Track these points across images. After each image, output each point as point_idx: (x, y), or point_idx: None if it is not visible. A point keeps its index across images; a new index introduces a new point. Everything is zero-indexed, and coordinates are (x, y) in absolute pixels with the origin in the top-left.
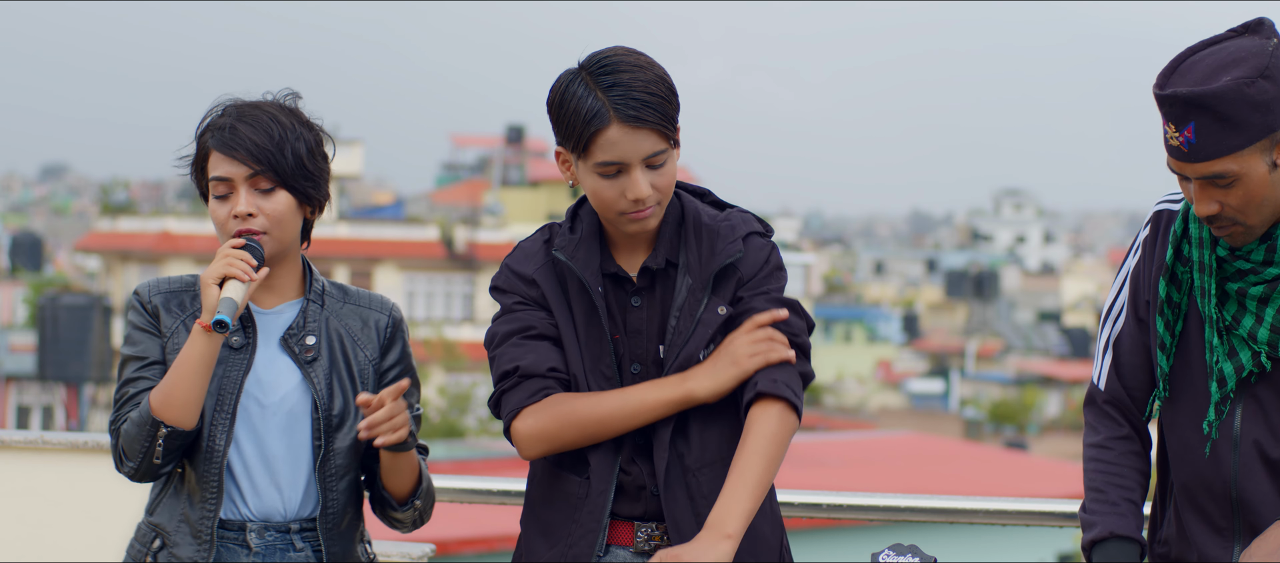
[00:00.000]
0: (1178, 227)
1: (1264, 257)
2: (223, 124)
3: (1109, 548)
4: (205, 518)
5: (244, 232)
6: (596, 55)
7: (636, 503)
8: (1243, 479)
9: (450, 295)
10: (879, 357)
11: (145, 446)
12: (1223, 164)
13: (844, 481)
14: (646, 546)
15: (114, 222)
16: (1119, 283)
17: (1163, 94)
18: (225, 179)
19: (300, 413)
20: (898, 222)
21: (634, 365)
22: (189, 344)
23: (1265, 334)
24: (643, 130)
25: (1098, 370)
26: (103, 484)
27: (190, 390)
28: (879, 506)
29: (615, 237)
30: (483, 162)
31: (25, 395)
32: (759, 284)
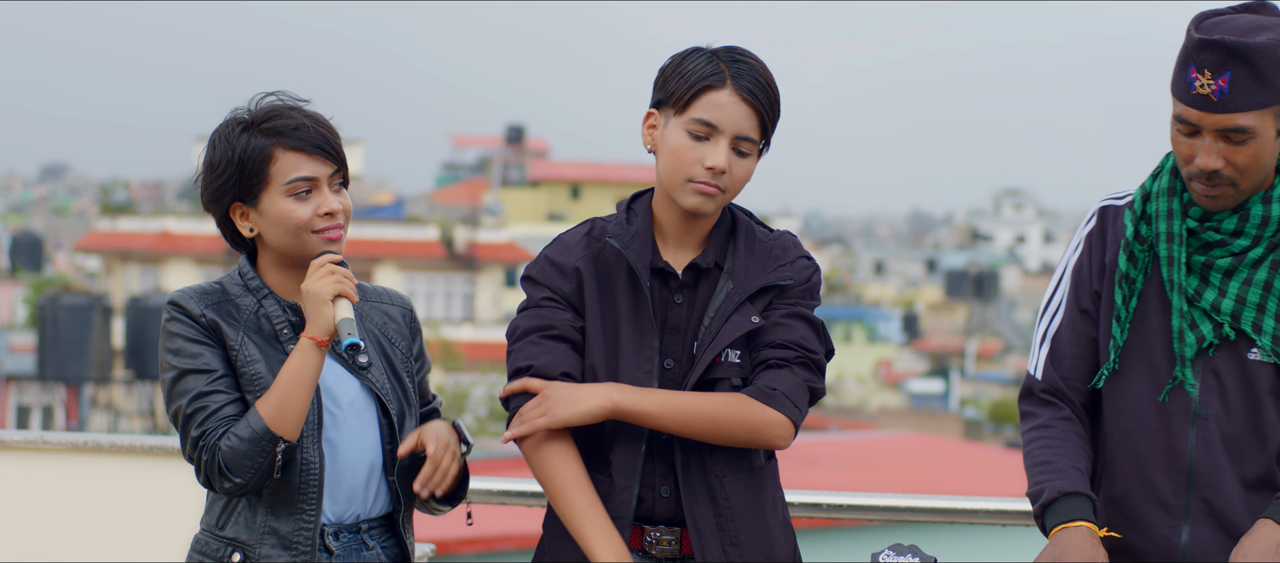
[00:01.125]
0: (1136, 208)
1: (1235, 226)
2: (296, 125)
3: (1061, 507)
4: (303, 529)
5: (333, 229)
6: (726, 45)
7: (644, 504)
8: (1200, 454)
9: (450, 295)
10: (879, 357)
11: (259, 461)
12: (1247, 118)
13: (844, 481)
14: (655, 549)
15: (114, 222)
16: (1057, 277)
17: (1208, 39)
18: (310, 179)
19: (367, 418)
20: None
21: (667, 361)
22: (300, 358)
23: (1229, 305)
24: (748, 108)
25: (1034, 363)
26: (103, 484)
27: (303, 404)
28: (879, 506)
29: (667, 230)
30: (483, 162)
31: (25, 395)
32: (795, 299)
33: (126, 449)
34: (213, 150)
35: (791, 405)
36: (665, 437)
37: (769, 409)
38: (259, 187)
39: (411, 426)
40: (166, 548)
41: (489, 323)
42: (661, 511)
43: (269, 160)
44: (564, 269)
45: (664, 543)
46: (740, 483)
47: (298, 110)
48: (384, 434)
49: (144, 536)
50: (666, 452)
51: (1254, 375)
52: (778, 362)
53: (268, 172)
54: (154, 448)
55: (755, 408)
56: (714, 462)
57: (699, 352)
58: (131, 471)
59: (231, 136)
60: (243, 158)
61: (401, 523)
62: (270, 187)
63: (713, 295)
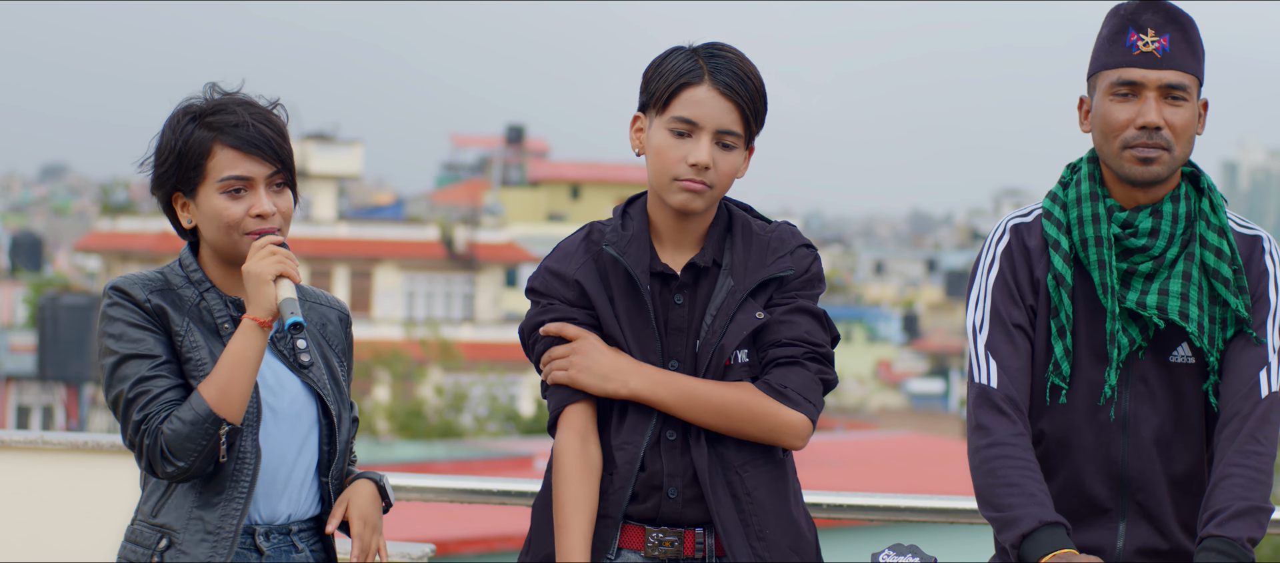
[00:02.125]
0: (1058, 215)
1: (1152, 226)
2: (237, 121)
3: (1043, 538)
4: (228, 519)
5: (264, 232)
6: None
7: (647, 504)
8: (1131, 458)
9: (450, 295)
10: (879, 357)
11: (202, 444)
12: (1185, 77)
13: (844, 481)
14: (657, 550)
15: (114, 222)
16: (976, 297)
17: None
18: (245, 178)
19: (305, 417)
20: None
21: (672, 362)
22: (242, 339)
23: (1154, 300)
24: (728, 102)
25: (983, 373)
26: (103, 484)
27: (246, 385)
28: (879, 506)
29: (663, 231)
30: (483, 162)
31: (25, 395)
32: (796, 290)
33: (126, 449)
34: (162, 136)
35: (806, 402)
36: (675, 437)
37: (785, 408)
38: (196, 180)
39: (346, 428)
40: None
41: (489, 323)
42: (667, 511)
43: (207, 155)
44: (565, 279)
45: (666, 544)
46: (762, 477)
47: (245, 106)
48: (323, 434)
49: None
50: (678, 452)
51: (1178, 377)
52: (786, 359)
53: (205, 166)
54: None
55: (769, 403)
56: (734, 458)
57: (701, 350)
58: (131, 471)
59: (178, 125)
60: (183, 149)
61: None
62: (206, 182)
63: (713, 293)
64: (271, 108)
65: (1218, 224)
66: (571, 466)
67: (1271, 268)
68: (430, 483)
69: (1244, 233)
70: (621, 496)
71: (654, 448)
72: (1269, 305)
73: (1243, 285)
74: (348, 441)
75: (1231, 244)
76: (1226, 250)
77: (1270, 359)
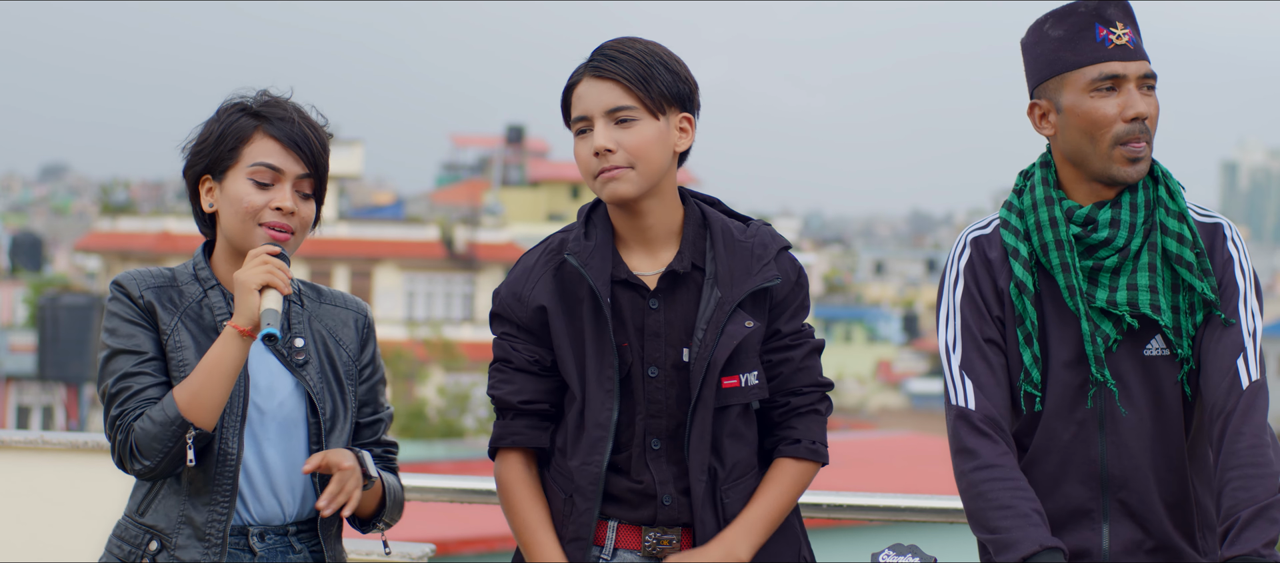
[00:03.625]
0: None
1: (1112, 217)
2: (284, 116)
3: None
4: (215, 521)
5: (278, 226)
6: None
7: (643, 510)
8: (1111, 458)
9: (450, 295)
10: (879, 357)
11: (168, 445)
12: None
13: (844, 481)
14: (655, 550)
15: (114, 222)
16: (945, 315)
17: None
18: (275, 169)
19: (296, 417)
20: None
21: (651, 369)
22: (221, 347)
23: (1124, 296)
24: (606, 82)
25: (960, 395)
26: (103, 484)
27: (220, 393)
28: (879, 506)
29: (627, 236)
30: (483, 162)
31: (25, 395)
32: (791, 306)
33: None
34: (207, 123)
35: (825, 450)
36: (660, 445)
37: (813, 466)
38: (228, 163)
39: (343, 431)
40: None
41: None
42: (663, 516)
43: (246, 140)
44: (525, 301)
45: (664, 543)
46: (749, 490)
47: (295, 108)
48: (311, 435)
49: None
50: (665, 459)
51: (1153, 370)
52: (807, 409)
53: (241, 150)
54: None
55: (809, 472)
56: (722, 476)
57: (695, 363)
58: None
59: (226, 112)
60: (225, 131)
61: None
62: (237, 165)
63: (701, 304)
64: (321, 123)
65: (1177, 210)
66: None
67: (1235, 253)
68: (430, 483)
69: (1204, 221)
70: (589, 515)
71: (640, 459)
72: (1238, 290)
73: (1207, 268)
74: (346, 443)
75: (1192, 228)
76: (1187, 235)
77: (1245, 344)
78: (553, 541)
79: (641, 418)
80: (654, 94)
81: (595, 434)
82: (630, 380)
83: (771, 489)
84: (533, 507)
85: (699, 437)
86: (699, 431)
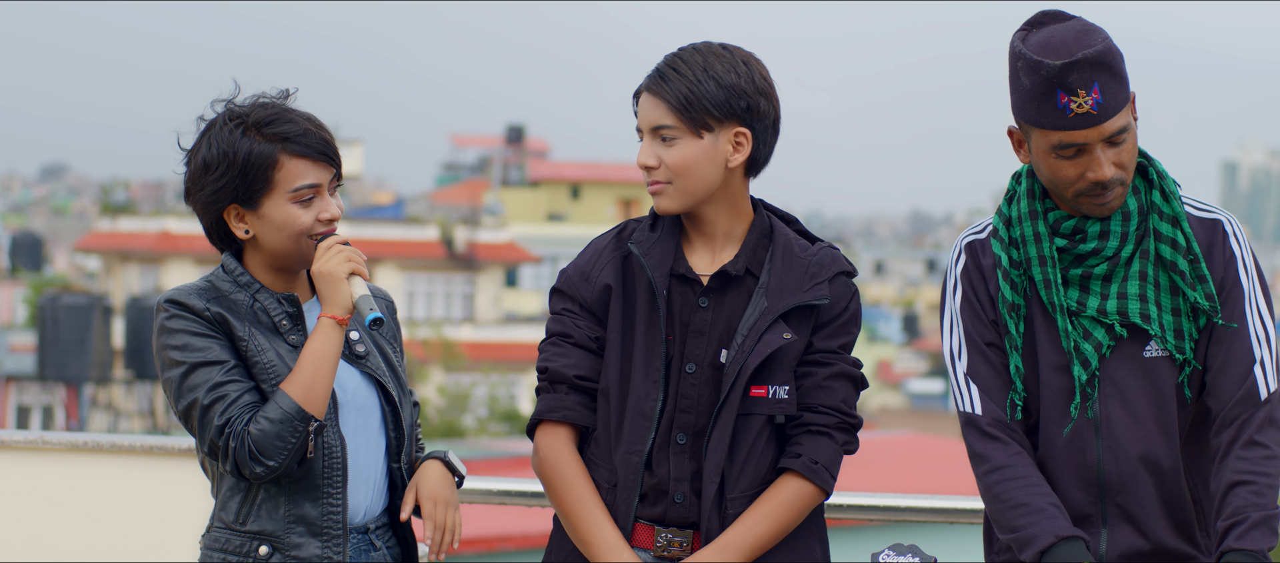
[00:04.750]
0: (1002, 234)
1: (1100, 228)
2: (300, 131)
3: (1061, 551)
4: (330, 513)
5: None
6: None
7: (656, 507)
8: (1108, 462)
9: (450, 295)
10: (879, 357)
11: (293, 441)
12: (1123, 118)
13: (844, 481)
14: (667, 550)
15: (114, 222)
16: (948, 323)
17: (1071, 61)
18: (315, 185)
19: (370, 408)
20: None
21: (689, 365)
22: (322, 336)
23: (1114, 305)
24: (656, 99)
25: (967, 401)
26: (103, 484)
27: (328, 381)
28: (879, 506)
29: (690, 233)
30: (483, 162)
31: (25, 395)
32: (832, 326)
33: (126, 449)
34: (209, 150)
35: (829, 477)
36: (685, 440)
37: (814, 487)
38: (262, 191)
39: (409, 411)
40: (167, 548)
41: (489, 323)
42: (674, 515)
43: (274, 166)
44: (592, 280)
45: (675, 545)
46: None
47: (298, 114)
48: (388, 421)
49: (144, 536)
50: (687, 455)
51: (1153, 372)
52: (819, 428)
53: (273, 177)
54: (154, 448)
55: (806, 495)
56: (731, 490)
57: (728, 366)
58: (131, 471)
59: (231, 138)
60: (246, 162)
61: (402, 525)
62: (274, 192)
63: (747, 307)
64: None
65: (1171, 214)
66: (573, 466)
67: (1238, 250)
68: None
69: (1202, 217)
70: (628, 505)
71: (662, 450)
72: (1242, 292)
73: (1201, 274)
74: (412, 425)
75: (1186, 233)
76: (1181, 241)
77: (1258, 353)
78: (608, 518)
79: (671, 411)
80: (696, 114)
81: (639, 423)
82: (668, 373)
83: (759, 508)
84: (587, 484)
85: (719, 438)
86: (720, 432)
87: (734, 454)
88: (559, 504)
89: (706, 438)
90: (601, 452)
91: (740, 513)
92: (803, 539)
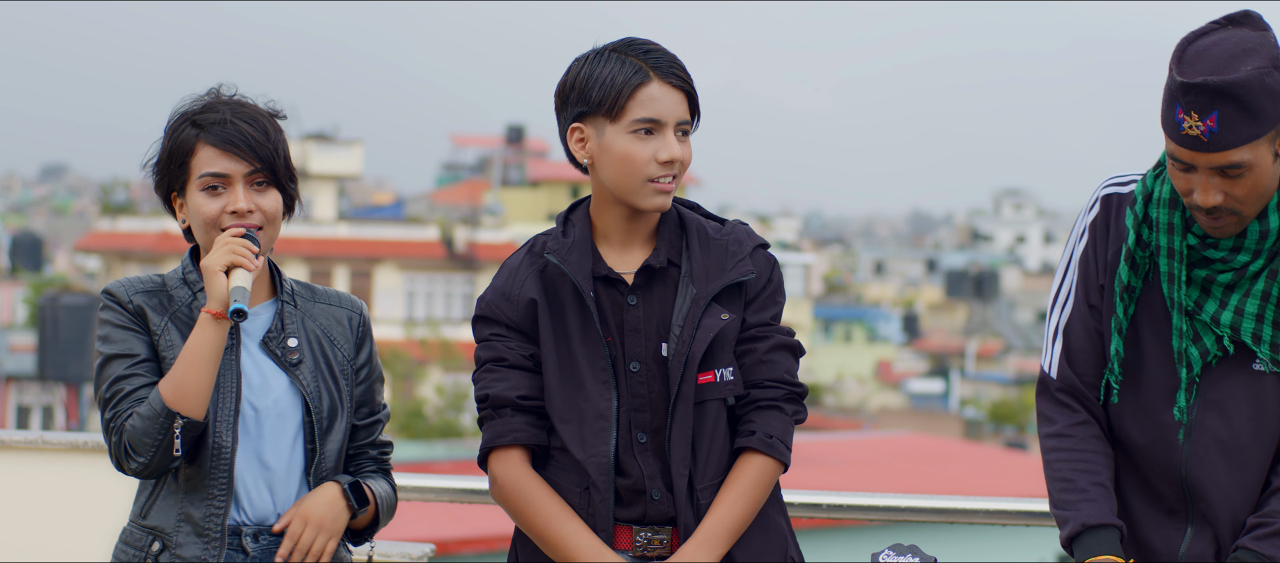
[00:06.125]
0: (1138, 210)
1: (1233, 244)
2: (218, 119)
3: (1088, 542)
4: (213, 516)
5: (239, 225)
6: (620, 40)
7: (633, 508)
8: (1194, 466)
9: (450, 295)
10: (879, 357)
11: (159, 438)
12: (1239, 153)
13: (844, 481)
14: (647, 550)
15: (114, 222)
16: (1063, 267)
17: (1190, 82)
18: (221, 175)
19: (290, 416)
20: (898, 222)
21: (633, 363)
22: (198, 333)
23: (1229, 317)
24: (679, 93)
25: (1048, 358)
26: (103, 484)
27: (203, 379)
28: (879, 506)
29: (612, 234)
30: (483, 162)
31: (25, 395)
32: (759, 299)
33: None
34: (163, 137)
35: (785, 449)
36: (645, 439)
37: (774, 461)
38: (183, 179)
39: (341, 428)
40: None
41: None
42: (653, 512)
43: (191, 153)
44: (514, 299)
45: (655, 542)
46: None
47: (230, 106)
48: (307, 434)
49: None
50: (652, 453)
51: (1258, 385)
52: (768, 403)
53: (190, 164)
54: None
55: (768, 470)
56: (698, 480)
57: (672, 359)
58: None
59: (174, 127)
60: (172, 149)
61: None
62: (191, 180)
63: (676, 299)
64: (263, 109)
65: None
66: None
67: None
68: (430, 483)
69: None
70: (606, 506)
71: (627, 452)
72: None
73: None
74: (341, 443)
75: None
76: None
77: None
78: (584, 526)
79: (626, 411)
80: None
81: (597, 425)
82: (615, 374)
83: (728, 494)
84: (553, 499)
85: (680, 432)
86: (680, 426)
87: (697, 445)
88: (530, 525)
89: (667, 433)
90: (565, 461)
91: (711, 502)
92: (767, 514)
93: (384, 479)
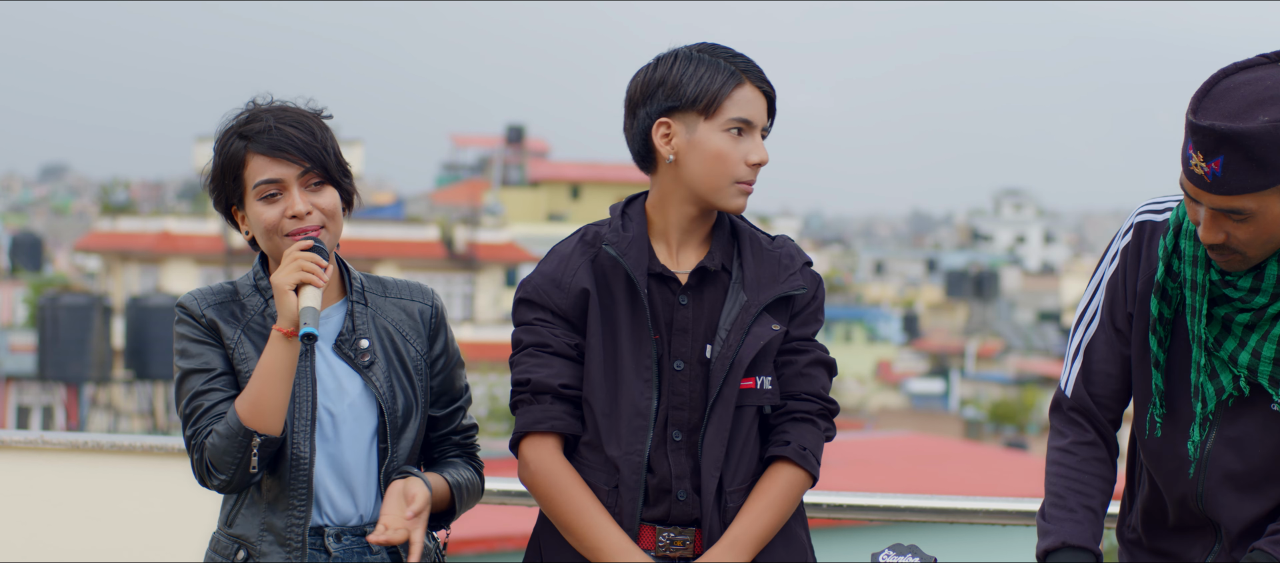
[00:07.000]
0: (1168, 241)
1: (1251, 284)
2: (263, 128)
3: (1062, 560)
4: (294, 525)
5: (302, 231)
6: (700, 43)
7: (659, 507)
8: (1208, 497)
9: (450, 295)
10: (879, 357)
11: (239, 457)
12: (1243, 201)
13: (844, 481)
14: (670, 550)
15: (114, 222)
16: (1093, 288)
17: (1198, 124)
18: (275, 181)
19: (367, 418)
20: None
21: (677, 362)
22: (270, 352)
23: (1246, 358)
24: (766, 100)
25: (1065, 376)
26: (103, 484)
27: (277, 398)
28: (879, 506)
29: (671, 233)
30: (483, 162)
31: (25, 395)
32: (807, 321)
33: (126, 449)
34: (213, 156)
35: (816, 463)
36: (680, 437)
37: (805, 474)
38: (240, 191)
39: (415, 426)
40: (167, 548)
41: (489, 323)
42: (677, 513)
43: (242, 165)
44: (565, 287)
45: (678, 544)
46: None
47: (270, 112)
48: (381, 434)
49: (144, 536)
50: (684, 453)
51: (1274, 424)
52: (802, 415)
53: (243, 176)
54: (154, 448)
55: (799, 482)
56: (728, 483)
57: (717, 361)
58: (131, 471)
59: (222, 142)
60: (223, 165)
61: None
62: (247, 192)
63: (726, 303)
64: (306, 109)
65: None
66: (568, 475)
67: None
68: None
69: None
70: (633, 505)
71: (660, 448)
72: None
73: None
74: (415, 440)
75: None
76: None
77: None
78: (613, 521)
79: (664, 409)
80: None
81: (636, 423)
82: (659, 373)
83: (758, 501)
84: (585, 491)
85: (715, 433)
86: (716, 428)
87: (730, 448)
88: (560, 515)
89: (702, 433)
90: (594, 458)
91: (738, 506)
92: (790, 526)
93: (467, 465)
